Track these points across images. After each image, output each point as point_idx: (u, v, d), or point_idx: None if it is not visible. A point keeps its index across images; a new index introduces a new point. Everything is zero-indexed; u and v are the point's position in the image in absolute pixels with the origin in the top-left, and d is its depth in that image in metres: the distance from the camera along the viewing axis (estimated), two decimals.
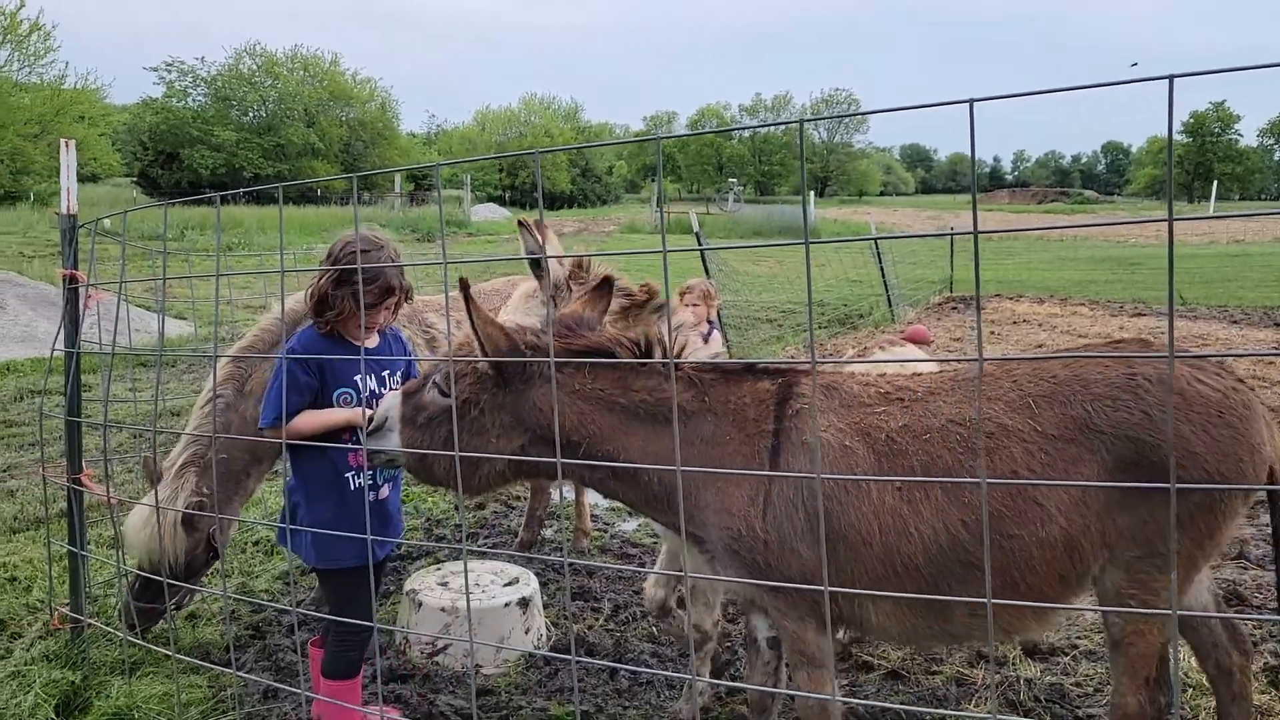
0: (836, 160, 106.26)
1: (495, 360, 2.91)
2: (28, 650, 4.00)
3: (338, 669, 3.56)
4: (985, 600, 2.33)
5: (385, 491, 3.61)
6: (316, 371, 3.42)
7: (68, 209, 3.81)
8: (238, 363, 4.30)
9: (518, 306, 3.82)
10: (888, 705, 3.77)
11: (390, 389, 3.52)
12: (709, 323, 6.89)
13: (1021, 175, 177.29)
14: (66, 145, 3.80)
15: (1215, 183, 58.15)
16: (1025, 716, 3.78)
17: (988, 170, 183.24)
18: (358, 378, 3.49)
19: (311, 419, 3.40)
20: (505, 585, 4.61)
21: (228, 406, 4.18)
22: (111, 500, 3.86)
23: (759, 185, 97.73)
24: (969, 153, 1.96)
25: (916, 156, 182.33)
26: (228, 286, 21.60)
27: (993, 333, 14.19)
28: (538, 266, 3.66)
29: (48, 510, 4.37)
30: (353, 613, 3.46)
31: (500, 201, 72.36)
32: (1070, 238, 42.19)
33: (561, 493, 3.84)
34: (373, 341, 3.60)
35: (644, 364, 2.99)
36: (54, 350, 3.86)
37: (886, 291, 16.51)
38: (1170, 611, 1.92)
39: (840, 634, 3.95)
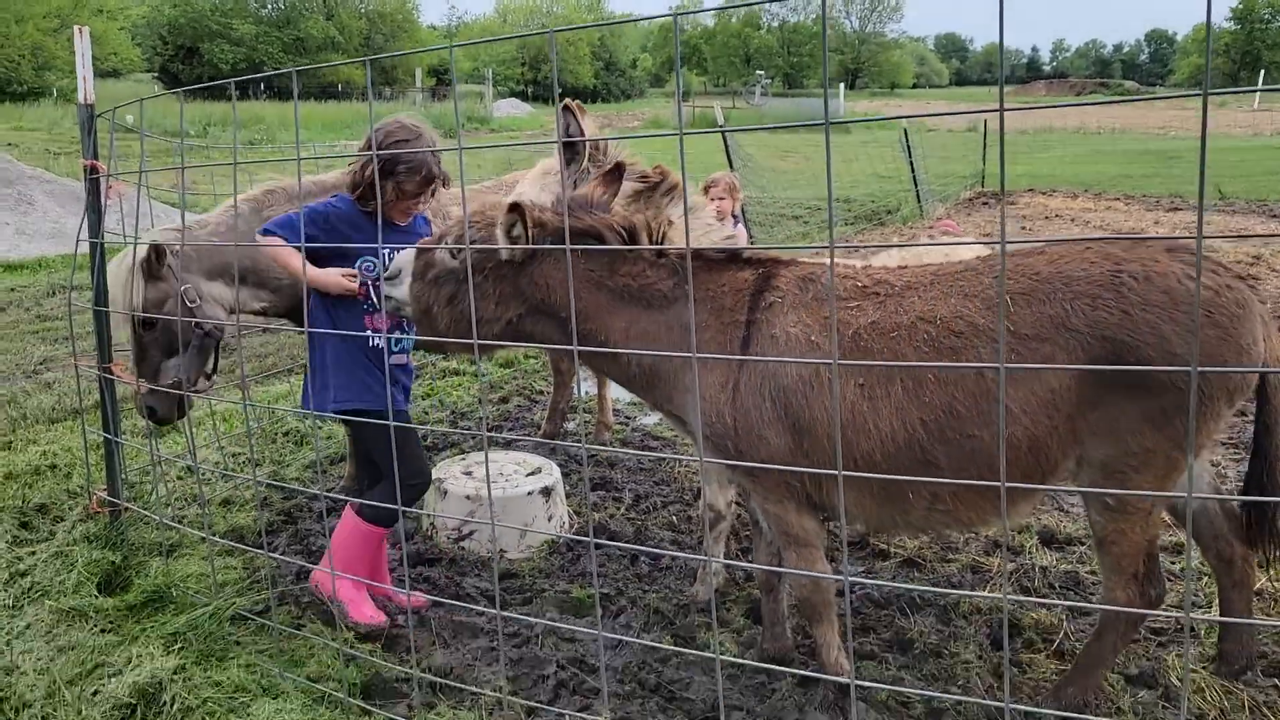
0: (868, 51, 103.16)
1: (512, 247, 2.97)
2: (69, 532, 4.14)
3: (378, 515, 3.65)
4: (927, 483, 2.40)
5: (401, 360, 3.76)
6: (331, 235, 3.52)
7: (85, 98, 3.79)
8: (265, 192, 4.46)
9: (535, 181, 3.83)
10: (902, 586, 3.85)
11: None
12: (733, 216, 6.82)
13: (1060, 66, 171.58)
14: (80, 32, 3.75)
15: (1263, 72, 56.06)
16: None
17: (1024, 61, 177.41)
18: (385, 251, 3.55)
19: (295, 262, 3.48)
20: (528, 475, 4.70)
21: (239, 215, 4.29)
22: (140, 388, 3.94)
23: (787, 78, 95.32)
24: (1000, 31, 1.89)
25: (951, 47, 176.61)
26: (248, 180, 21.55)
27: (1023, 228, 13.97)
28: (569, 149, 3.67)
29: (81, 400, 4.46)
30: (401, 455, 3.44)
31: (522, 97, 71.17)
32: (1108, 130, 41.04)
33: (582, 388, 3.89)
34: (404, 221, 3.73)
35: (654, 250, 3.02)
36: (79, 242, 3.89)
37: (915, 187, 16.23)
38: (1185, 495, 1.92)
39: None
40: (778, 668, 3.17)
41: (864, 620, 3.76)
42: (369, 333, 3.60)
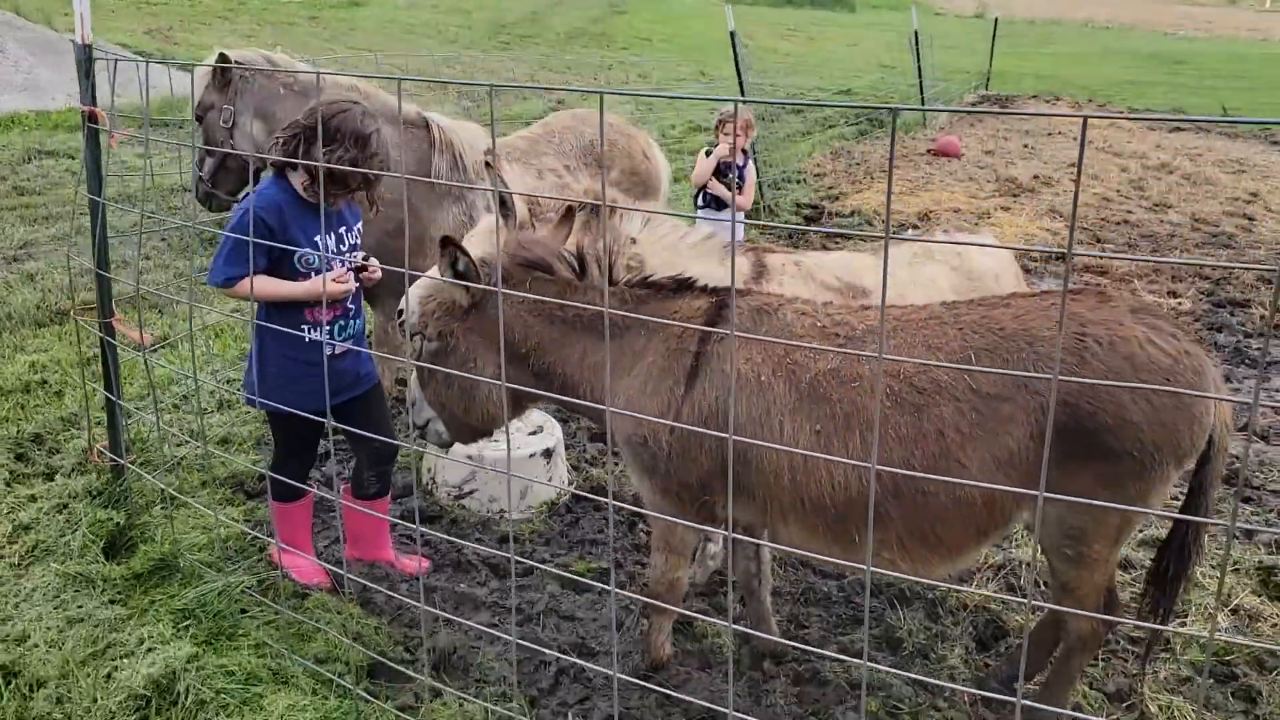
0: None
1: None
2: (67, 478, 4.13)
3: (280, 492, 3.71)
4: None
5: (340, 349, 3.61)
6: (279, 230, 3.36)
7: (82, 38, 3.57)
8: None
9: (482, 241, 3.70)
10: (891, 575, 3.92)
11: (349, 246, 3.60)
12: (743, 152, 6.66)
13: None
14: None
15: None
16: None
17: None
18: (318, 238, 3.45)
19: (271, 287, 3.38)
20: (530, 434, 4.70)
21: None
22: (145, 342, 3.85)
23: None
24: None
25: None
26: (232, 34, 20.62)
27: (1026, 145, 13.72)
28: (504, 206, 3.61)
29: (81, 354, 4.33)
30: (284, 448, 3.73)
31: None
32: (1116, 25, 39.97)
33: None
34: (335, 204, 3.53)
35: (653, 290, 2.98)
36: (78, 196, 3.74)
37: (921, 93, 15.76)
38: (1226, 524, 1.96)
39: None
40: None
41: (855, 611, 3.87)
42: (305, 328, 3.46)
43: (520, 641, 3.01)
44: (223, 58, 4.53)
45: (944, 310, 2.88)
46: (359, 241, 3.64)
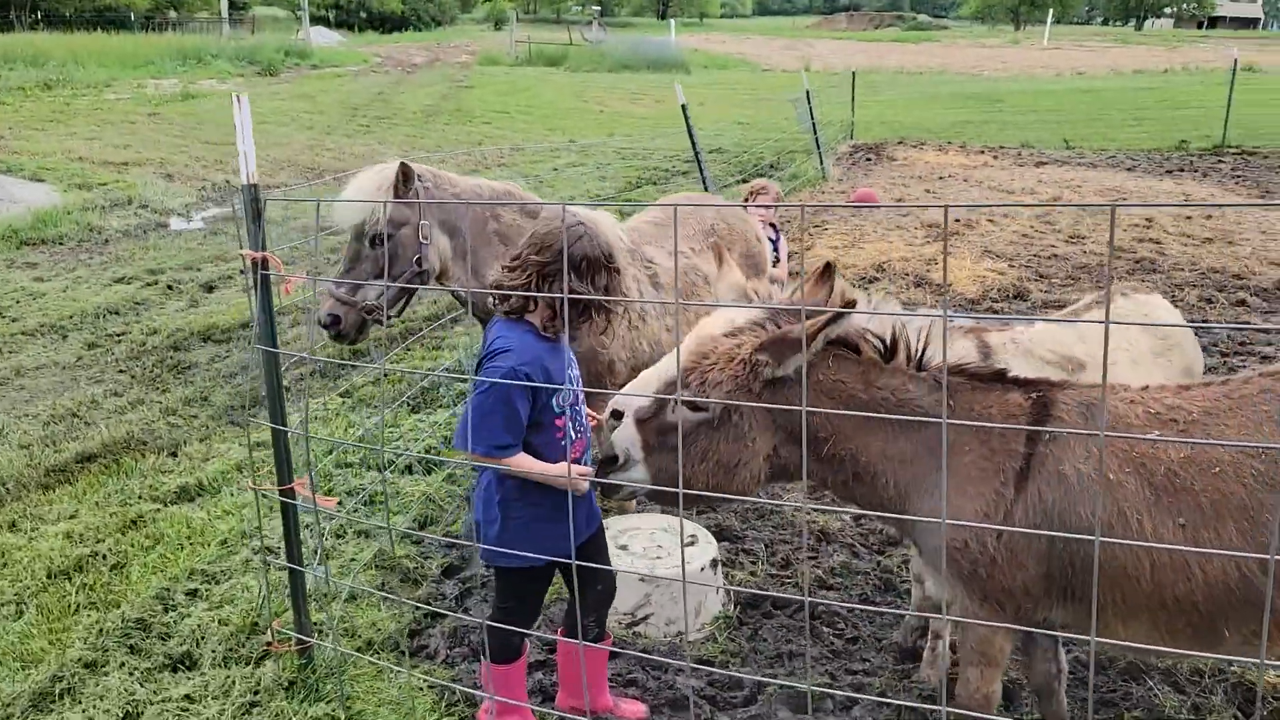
0: None
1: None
2: (224, 668, 3.60)
3: (500, 652, 3.41)
4: None
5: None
6: (541, 379, 3.04)
7: (247, 178, 3.18)
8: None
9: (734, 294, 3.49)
10: (1131, 645, 3.86)
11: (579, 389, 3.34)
12: (772, 225, 6.66)
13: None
14: (239, 100, 3.14)
15: (1050, 10, 59.99)
16: None
17: None
18: (569, 372, 3.23)
19: (528, 464, 3.07)
20: (688, 545, 4.45)
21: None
22: (330, 505, 3.41)
23: (600, 6, 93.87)
24: None
25: None
26: (72, 137, 19.22)
27: (928, 190, 14.36)
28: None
29: (260, 524, 3.77)
30: (511, 603, 3.37)
31: (325, 23, 67.08)
32: (928, 70, 42.89)
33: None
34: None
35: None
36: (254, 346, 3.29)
37: (818, 148, 16.29)
38: None
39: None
40: None
41: (1100, 693, 3.79)
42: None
43: None
44: (404, 169, 4.07)
45: (1270, 380, 2.85)
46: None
